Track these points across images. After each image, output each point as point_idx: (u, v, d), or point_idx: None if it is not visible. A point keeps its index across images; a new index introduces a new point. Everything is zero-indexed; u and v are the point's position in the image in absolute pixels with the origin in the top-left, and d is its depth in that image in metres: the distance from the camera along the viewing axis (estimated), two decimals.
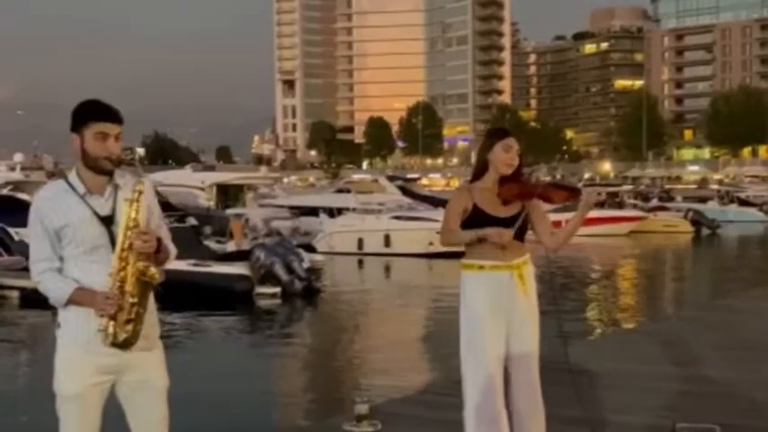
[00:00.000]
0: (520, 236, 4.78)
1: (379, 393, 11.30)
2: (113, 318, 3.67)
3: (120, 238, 3.72)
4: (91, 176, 3.82)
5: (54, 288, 3.75)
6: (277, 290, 21.31)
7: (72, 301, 3.73)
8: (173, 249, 3.99)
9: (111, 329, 3.66)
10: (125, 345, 3.70)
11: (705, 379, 7.72)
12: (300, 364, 15.61)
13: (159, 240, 3.81)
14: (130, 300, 3.68)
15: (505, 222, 4.71)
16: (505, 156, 4.80)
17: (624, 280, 29.09)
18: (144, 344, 3.82)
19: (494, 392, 4.73)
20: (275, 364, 15.47)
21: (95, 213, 3.77)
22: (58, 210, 3.75)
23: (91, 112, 3.80)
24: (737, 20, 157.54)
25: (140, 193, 3.74)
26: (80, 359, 3.76)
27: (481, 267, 4.77)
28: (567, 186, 5.02)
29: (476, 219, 4.76)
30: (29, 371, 14.72)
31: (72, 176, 3.83)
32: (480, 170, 4.88)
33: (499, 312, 4.74)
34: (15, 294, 20.92)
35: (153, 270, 3.71)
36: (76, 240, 3.75)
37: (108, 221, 3.78)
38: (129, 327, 3.69)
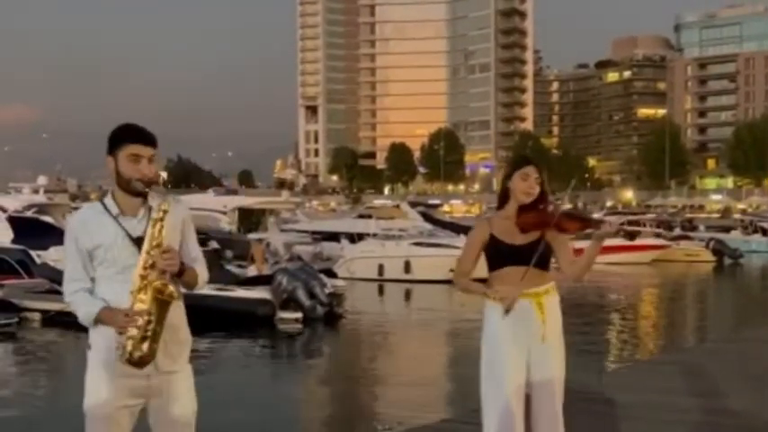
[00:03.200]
0: (542, 265, 4.77)
1: (399, 422, 11.30)
2: (131, 336, 3.69)
3: (142, 257, 3.76)
4: (125, 198, 3.87)
5: (83, 307, 3.80)
6: (299, 315, 21.31)
7: (99, 320, 3.77)
8: (203, 274, 4.02)
9: (129, 347, 3.68)
10: (140, 363, 3.70)
11: (728, 411, 7.67)
12: (321, 390, 15.60)
13: (182, 263, 3.84)
14: (146, 317, 3.69)
15: (521, 250, 4.71)
16: (523, 184, 4.78)
17: (646, 309, 28.96)
18: (168, 363, 3.87)
19: (512, 421, 4.70)
20: (296, 390, 15.46)
21: (128, 234, 3.82)
22: (91, 230, 3.82)
23: (124, 135, 3.86)
24: (761, 49, 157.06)
25: (164, 212, 3.78)
26: (110, 380, 3.78)
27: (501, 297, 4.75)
28: (582, 217, 5.01)
29: (493, 248, 4.78)
30: (50, 392, 14.75)
31: (107, 199, 3.90)
32: (503, 199, 4.89)
33: (519, 341, 4.73)
34: (37, 317, 20.98)
35: (171, 289, 3.71)
36: (108, 261, 3.81)
37: (140, 242, 3.80)
38: (145, 345, 3.70)
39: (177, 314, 3.93)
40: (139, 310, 3.69)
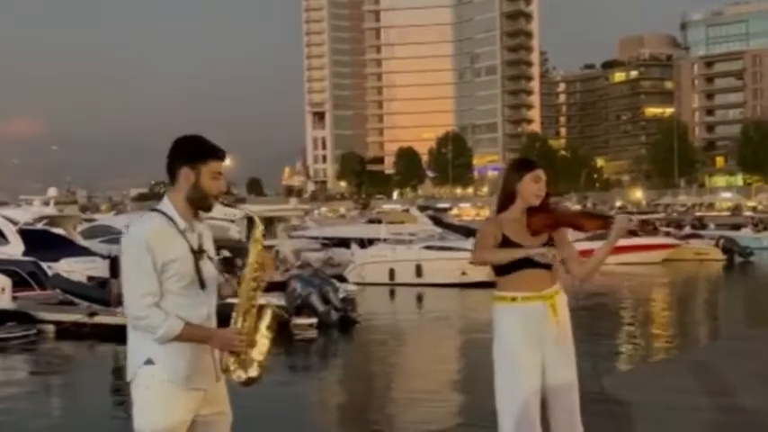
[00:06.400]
0: (549, 266, 4.77)
1: (416, 426, 11.33)
2: (238, 355, 3.78)
3: (248, 277, 3.85)
4: (186, 211, 3.89)
5: (164, 324, 3.73)
6: (313, 320, 21.29)
7: (183, 337, 3.75)
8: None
9: (239, 368, 3.81)
10: (253, 382, 3.83)
11: (742, 409, 7.70)
12: (338, 395, 15.65)
13: None
14: (266, 336, 3.83)
15: None
16: (535, 187, 4.80)
17: (658, 309, 28.92)
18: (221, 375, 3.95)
19: (530, 424, 4.72)
20: (312, 396, 15.49)
21: (191, 248, 3.84)
22: (168, 244, 3.78)
23: (210, 150, 3.90)
24: None
25: (263, 233, 3.94)
26: (177, 396, 3.78)
27: (514, 299, 4.75)
28: (599, 214, 5.03)
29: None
30: (69, 404, 14.82)
31: (168, 209, 3.87)
32: (507, 201, 4.88)
33: (533, 343, 4.74)
34: (51, 328, 21.00)
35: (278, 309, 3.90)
36: (179, 275, 3.79)
37: (198, 256, 3.86)
38: (261, 364, 3.85)
39: None
40: (249, 330, 3.82)
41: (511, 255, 4.68)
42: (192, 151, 3.88)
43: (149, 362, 3.78)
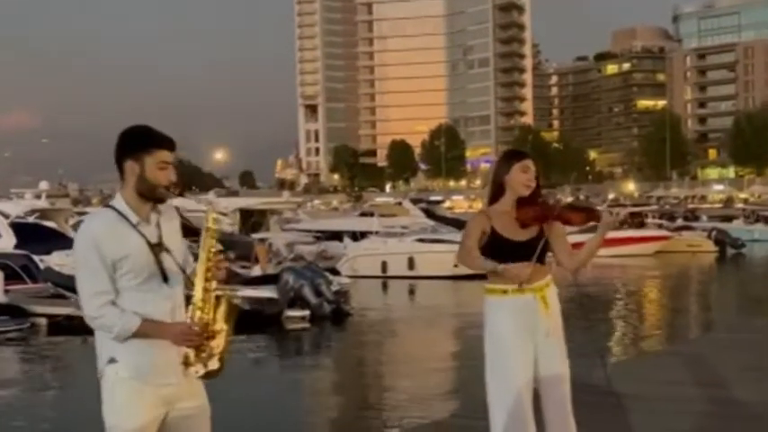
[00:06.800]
0: (541, 258, 4.76)
1: (409, 419, 11.33)
2: (197, 348, 3.67)
3: (201, 268, 3.73)
4: (140, 204, 3.77)
5: (119, 322, 3.65)
6: (306, 313, 21.31)
7: (140, 333, 3.66)
8: None
9: (199, 362, 3.68)
10: (213, 375, 3.70)
11: (734, 401, 7.70)
12: (330, 387, 15.63)
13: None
14: (224, 327, 3.72)
15: (524, 246, 4.69)
16: (523, 177, 4.77)
17: (650, 301, 28.96)
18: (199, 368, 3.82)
19: (523, 416, 4.69)
20: (305, 388, 15.49)
21: (148, 243, 3.73)
22: (117, 240, 3.67)
23: (154, 140, 3.77)
24: (759, 38, 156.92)
25: (216, 221, 3.81)
26: (142, 393, 3.68)
27: (504, 292, 4.73)
28: (586, 208, 4.99)
29: (494, 243, 4.72)
30: (62, 397, 14.80)
31: (120, 204, 3.77)
32: (497, 193, 4.85)
33: (524, 335, 4.72)
34: (44, 321, 20.98)
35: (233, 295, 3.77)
36: (135, 271, 3.69)
37: (157, 249, 3.75)
38: (221, 356, 3.72)
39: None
40: (206, 322, 3.70)
41: (485, 266, 4.66)
42: (133, 143, 3.77)
43: (113, 360, 3.71)
